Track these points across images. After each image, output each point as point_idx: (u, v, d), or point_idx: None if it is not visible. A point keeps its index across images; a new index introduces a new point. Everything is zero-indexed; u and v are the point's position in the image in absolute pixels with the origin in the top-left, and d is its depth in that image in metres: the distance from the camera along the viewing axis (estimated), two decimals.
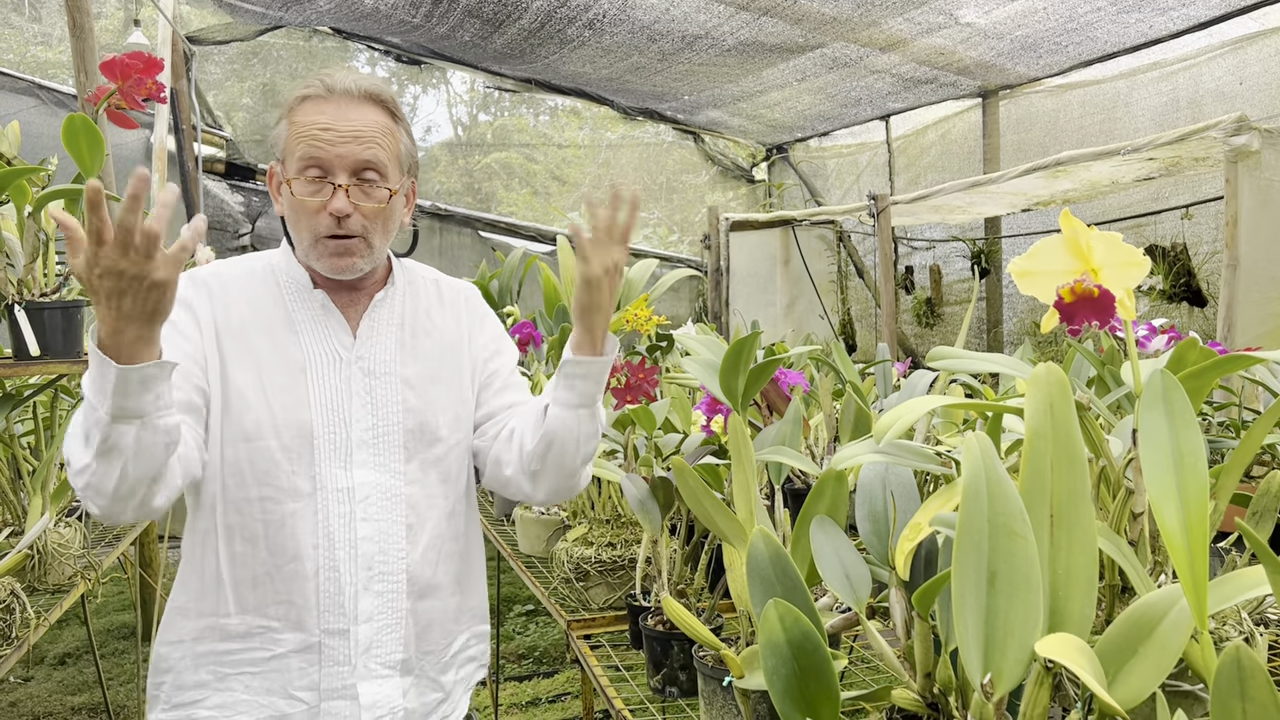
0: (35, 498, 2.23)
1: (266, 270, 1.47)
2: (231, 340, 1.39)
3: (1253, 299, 3.39)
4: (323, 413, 1.40)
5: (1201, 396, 1.13)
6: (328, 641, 1.38)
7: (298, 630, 1.38)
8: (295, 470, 1.37)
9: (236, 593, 1.38)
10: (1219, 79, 4.63)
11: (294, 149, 1.37)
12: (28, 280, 1.97)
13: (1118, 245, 1.04)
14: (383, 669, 1.42)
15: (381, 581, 1.41)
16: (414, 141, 1.47)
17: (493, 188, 7.63)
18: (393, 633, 1.42)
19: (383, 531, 1.41)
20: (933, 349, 1.32)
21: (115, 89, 1.91)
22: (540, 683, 4.11)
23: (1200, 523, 0.85)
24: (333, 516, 1.38)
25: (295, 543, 1.37)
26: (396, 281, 1.51)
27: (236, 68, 6.58)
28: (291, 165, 1.37)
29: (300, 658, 1.38)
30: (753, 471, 1.36)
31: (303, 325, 1.43)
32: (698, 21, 5.24)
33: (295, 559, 1.37)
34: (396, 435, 1.44)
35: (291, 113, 1.39)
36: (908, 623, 1.13)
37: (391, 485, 1.42)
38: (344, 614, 1.39)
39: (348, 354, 1.43)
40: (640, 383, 1.97)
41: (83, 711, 3.74)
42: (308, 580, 1.37)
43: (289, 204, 1.39)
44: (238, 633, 1.38)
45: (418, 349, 1.49)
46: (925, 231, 6.48)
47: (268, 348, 1.40)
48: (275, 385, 1.38)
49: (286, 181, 1.38)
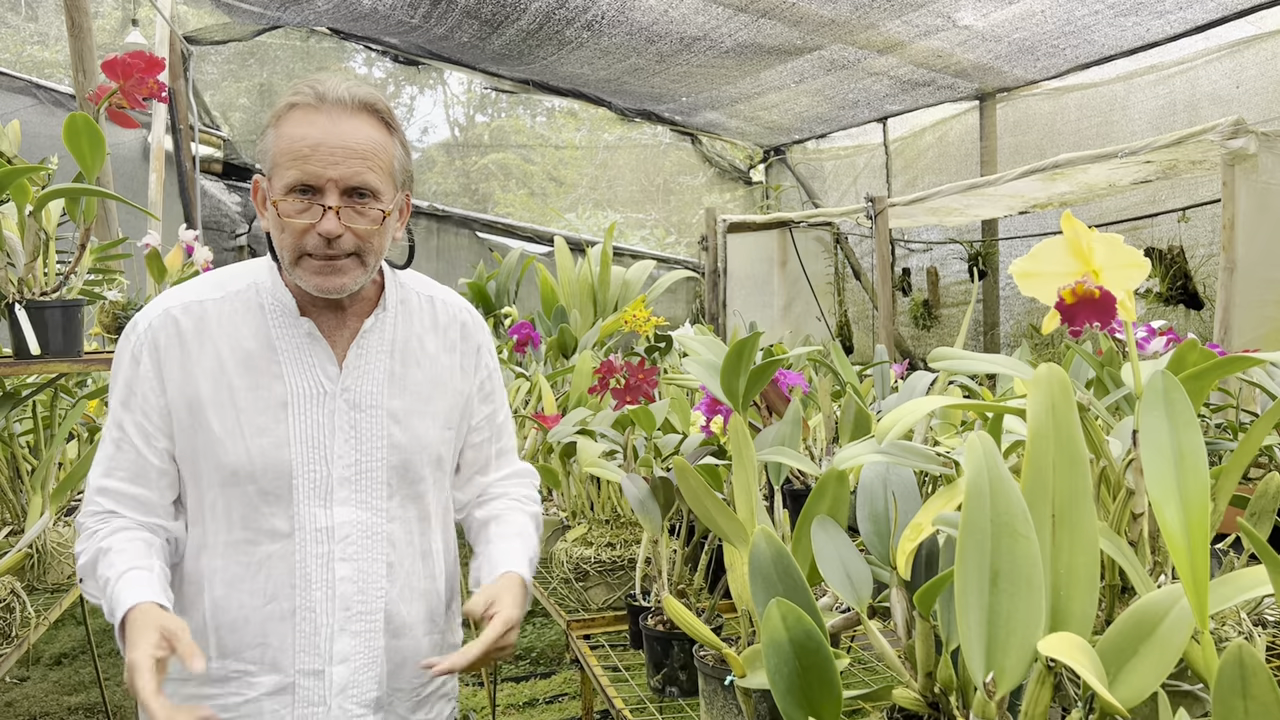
0: (35, 497, 2.23)
1: (251, 292, 1.38)
2: (208, 383, 1.34)
3: (1250, 301, 3.40)
4: (303, 450, 1.35)
5: (1202, 398, 1.14)
6: (302, 682, 1.35)
7: (273, 672, 1.35)
8: (273, 512, 1.34)
9: (218, 637, 1.36)
10: (1216, 82, 4.65)
11: (281, 166, 1.28)
12: (28, 279, 1.97)
13: (1119, 247, 1.04)
14: (357, 709, 1.39)
15: (359, 621, 1.38)
16: (409, 152, 1.40)
17: (490, 189, 7.64)
18: (368, 672, 1.39)
19: (362, 571, 1.38)
20: (935, 350, 1.32)
21: (117, 88, 1.91)
22: (538, 683, 4.11)
23: (1201, 523, 0.85)
24: (310, 557, 1.35)
25: (272, 584, 1.34)
26: (388, 305, 1.43)
27: (234, 68, 6.57)
28: (278, 184, 1.28)
29: (274, 700, 1.36)
30: (754, 472, 1.37)
31: (286, 356, 1.36)
32: (696, 23, 5.24)
33: (273, 600, 1.35)
34: (380, 471, 1.39)
35: (279, 122, 1.30)
36: (909, 622, 1.14)
37: (373, 523, 1.39)
38: (319, 655, 1.36)
39: (332, 386, 1.37)
40: (639, 383, 1.97)
41: (79, 711, 3.73)
42: (284, 621, 1.35)
43: (274, 222, 1.31)
44: (217, 677, 1.36)
45: (407, 380, 1.43)
46: (922, 234, 6.49)
47: (246, 387, 1.34)
48: (254, 427, 1.33)
49: (273, 202, 1.29)
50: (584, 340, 3.72)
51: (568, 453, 2.24)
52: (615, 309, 4.53)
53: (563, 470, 2.32)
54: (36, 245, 1.97)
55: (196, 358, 1.34)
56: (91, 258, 2.37)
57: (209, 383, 1.34)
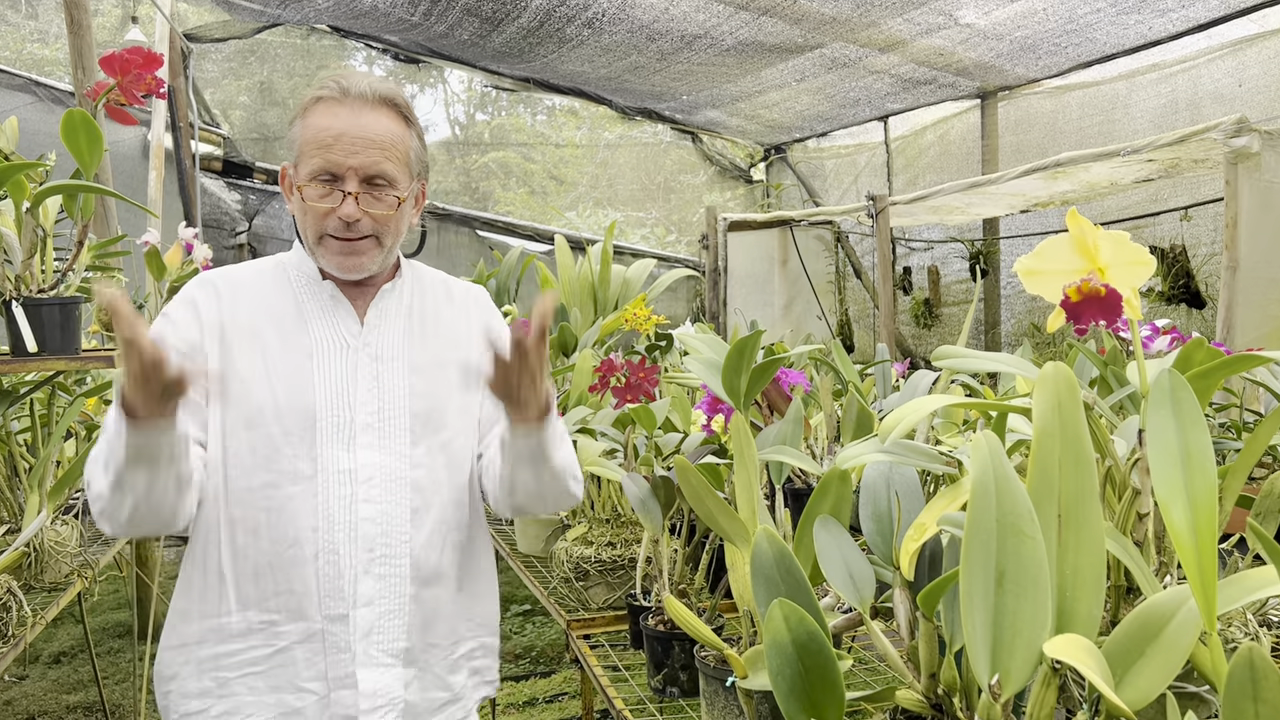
0: (32, 495, 2.22)
1: (277, 268, 1.50)
2: (237, 333, 1.41)
3: (1252, 300, 3.39)
4: (327, 396, 1.40)
5: (1208, 397, 1.13)
6: (329, 628, 1.37)
7: (299, 619, 1.37)
8: (296, 454, 1.38)
9: (238, 588, 1.37)
10: (1218, 81, 4.64)
11: (306, 155, 1.39)
12: (25, 276, 1.96)
13: (1125, 244, 1.03)
14: (385, 656, 1.39)
15: (383, 564, 1.39)
16: (425, 145, 1.50)
17: (490, 187, 7.63)
18: (395, 619, 1.40)
19: (386, 514, 1.40)
20: (938, 348, 1.31)
21: (114, 84, 1.90)
22: (537, 682, 4.10)
23: (1209, 523, 0.84)
24: (333, 498, 1.38)
25: (295, 527, 1.36)
26: (404, 276, 1.53)
27: (234, 66, 6.56)
28: (303, 171, 1.39)
29: (304, 648, 1.37)
30: (755, 471, 1.36)
31: (311, 314, 1.45)
32: (697, 21, 5.23)
33: (295, 544, 1.36)
34: (403, 419, 1.43)
35: (305, 114, 1.40)
36: (912, 623, 1.13)
37: (396, 468, 1.42)
38: (343, 598, 1.37)
39: (355, 340, 1.44)
40: (640, 382, 1.96)
41: (78, 710, 3.72)
42: (307, 565, 1.36)
43: (299, 206, 1.41)
44: (238, 631, 1.37)
45: (425, 337, 1.50)
46: (923, 232, 6.47)
47: (275, 337, 1.42)
48: (279, 371, 1.39)
49: (298, 187, 1.40)
50: (584, 339, 3.71)
51: None
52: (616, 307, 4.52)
53: None
54: (34, 242, 1.96)
55: (230, 311, 1.42)
56: (89, 255, 2.36)
57: (238, 333, 1.41)
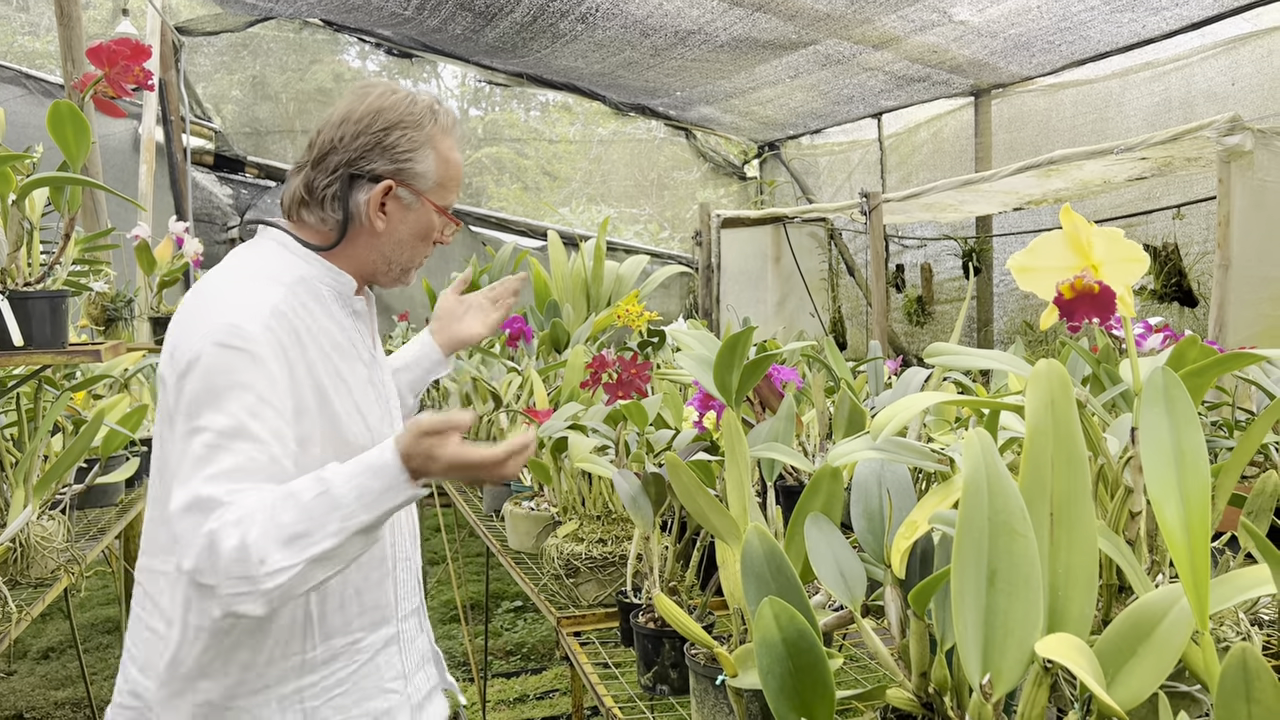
0: (17, 490, 2.20)
1: (304, 286, 1.36)
2: (323, 368, 1.34)
3: (1244, 299, 3.39)
4: (387, 415, 1.47)
5: (1201, 395, 1.12)
6: (404, 626, 1.45)
7: (380, 628, 1.41)
8: None
9: (323, 623, 1.34)
10: (1211, 79, 4.64)
11: (447, 190, 1.41)
12: (11, 269, 1.94)
13: (1118, 241, 1.02)
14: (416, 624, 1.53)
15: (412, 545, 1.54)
16: None
17: (483, 183, 7.60)
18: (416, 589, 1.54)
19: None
20: (931, 345, 1.30)
21: (102, 75, 1.88)
22: (528, 679, 4.09)
23: (1202, 521, 0.84)
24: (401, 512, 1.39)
25: (379, 548, 1.41)
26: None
27: (226, 59, 6.53)
28: (442, 203, 1.41)
29: (385, 653, 1.42)
30: (746, 468, 1.35)
31: (351, 337, 1.43)
32: (691, 17, 5.22)
33: (380, 564, 1.42)
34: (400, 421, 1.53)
35: (436, 141, 1.39)
36: (903, 621, 1.12)
37: None
38: (415, 593, 1.51)
39: (370, 356, 1.47)
40: (632, 378, 1.95)
41: (66, 706, 3.71)
42: (387, 578, 1.42)
43: (418, 232, 1.41)
44: (320, 661, 1.34)
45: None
46: (916, 230, 6.47)
47: (345, 368, 1.39)
48: (364, 403, 1.41)
49: (438, 210, 1.41)
50: (577, 335, 3.70)
51: (559, 448, 2.22)
52: (608, 304, 4.51)
53: (554, 465, 2.30)
54: (20, 235, 1.94)
55: (313, 350, 1.33)
56: (77, 248, 2.34)
57: (323, 368, 1.34)
